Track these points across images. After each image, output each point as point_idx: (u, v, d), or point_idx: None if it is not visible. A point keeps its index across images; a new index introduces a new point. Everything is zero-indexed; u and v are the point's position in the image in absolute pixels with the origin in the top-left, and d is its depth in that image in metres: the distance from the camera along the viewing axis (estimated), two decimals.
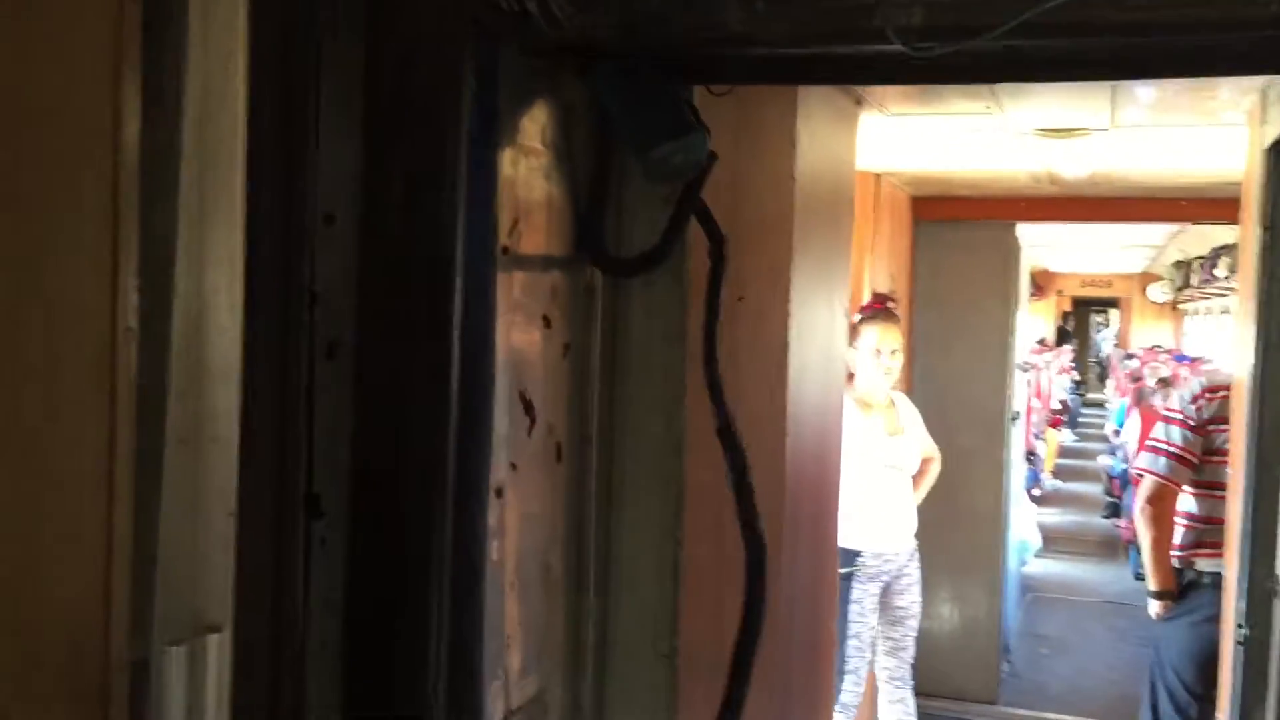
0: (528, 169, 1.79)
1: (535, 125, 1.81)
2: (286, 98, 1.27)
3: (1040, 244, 9.81)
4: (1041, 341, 14.60)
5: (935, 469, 4.58)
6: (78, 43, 0.94)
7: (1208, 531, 3.77)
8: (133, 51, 0.97)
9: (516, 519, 1.77)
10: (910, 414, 4.49)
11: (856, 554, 4.16)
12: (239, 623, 1.11)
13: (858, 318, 4.24)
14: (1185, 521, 3.90)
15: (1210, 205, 5.50)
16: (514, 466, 1.76)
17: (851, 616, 4.16)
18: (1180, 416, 3.89)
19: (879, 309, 4.38)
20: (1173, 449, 3.85)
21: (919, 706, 4.55)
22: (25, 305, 0.90)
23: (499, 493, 1.69)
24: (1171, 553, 3.90)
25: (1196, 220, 6.45)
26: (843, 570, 3.96)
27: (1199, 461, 3.82)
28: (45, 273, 0.91)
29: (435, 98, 1.46)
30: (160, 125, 1.01)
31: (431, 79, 1.45)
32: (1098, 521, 10.97)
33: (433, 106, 1.45)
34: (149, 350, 0.99)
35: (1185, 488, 3.88)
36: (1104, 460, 11.95)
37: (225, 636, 1.08)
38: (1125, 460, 9.41)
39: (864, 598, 4.22)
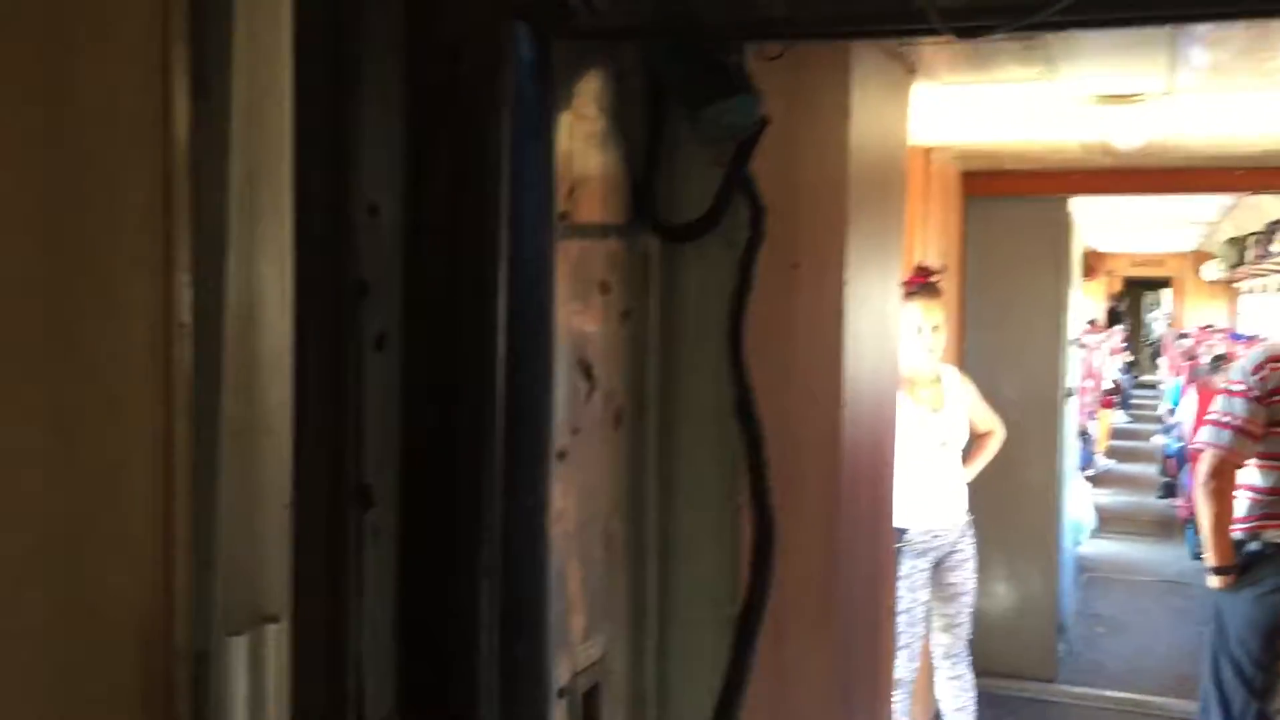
0: (583, 136, 1.79)
1: (589, 92, 1.81)
2: (330, 87, 1.26)
3: (1090, 223, 9.66)
4: (1092, 323, 14.39)
5: (995, 443, 4.53)
6: (125, 39, 0.94)
7: (1274, 503, 3.71)
8: (180, 47, 0.97)
9: (577, 485, 1.78)
10: (959, 388, 4.43)
11: (903, 531, 4.12)
12: (296, 613, 1.11)
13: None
14: (1250, 494, 3.83)
15: (1268, 175, 5.41)
16: (575, 431, 1.77)
17: (900, 592, 4.12)
18: (1242, 388, 3.81)
19: (921, 283, 4.27)
20: (1235, 421, 3.77)
21: (976, 684, 4.52)
22: (81, 303, 0.90)
23: (561, 456, 1.69)
24: (1236, 525, 3.83)
25: (1255, 190, 6.34)
26: None
27: (1263, 433, 3.75)
28: (99, 270, 0.92)
29: (481, 78, 1.43)
30: (209, 120, 1.00)
31: (477, 59, 1.43)
32: (1153, 501, 10.83)
33: (479, 87, 1.43)
34: (202, 344, 1.00)
35: (1249, 460, 3.80)
36: (1159, 440, 11.80)
37: (283, 627, 1.08)
38: (1180, 439, 9.28)
39: (912, 573, 4.19)
